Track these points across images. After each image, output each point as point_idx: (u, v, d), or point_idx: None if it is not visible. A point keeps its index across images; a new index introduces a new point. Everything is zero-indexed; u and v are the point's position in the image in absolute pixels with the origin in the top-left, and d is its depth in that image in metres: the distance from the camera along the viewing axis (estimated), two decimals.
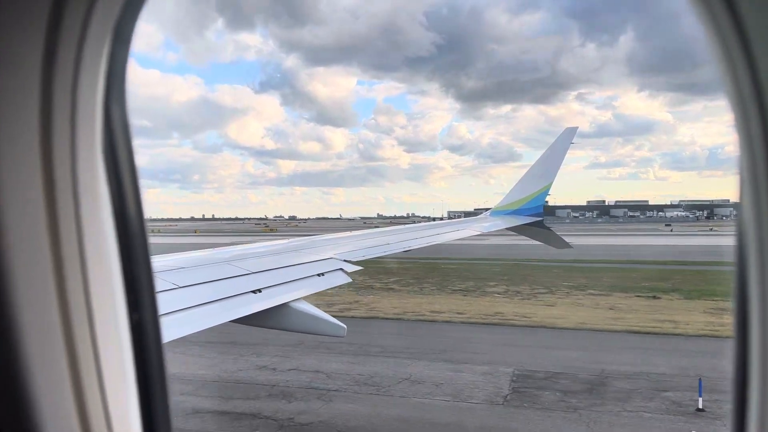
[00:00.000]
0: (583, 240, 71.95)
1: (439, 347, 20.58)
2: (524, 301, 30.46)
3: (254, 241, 11.09)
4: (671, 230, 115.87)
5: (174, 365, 17.96)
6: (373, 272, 41.36)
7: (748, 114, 1.05)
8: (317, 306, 7.47)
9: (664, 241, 78.21)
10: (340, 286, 8.61)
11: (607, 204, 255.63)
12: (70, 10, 1.17)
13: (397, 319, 26.30)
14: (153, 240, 1.51)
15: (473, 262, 50.73)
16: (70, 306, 1.25)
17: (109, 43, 1.30)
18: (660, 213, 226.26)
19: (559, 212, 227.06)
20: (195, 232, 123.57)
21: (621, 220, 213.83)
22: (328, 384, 16.60)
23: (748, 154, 1.07)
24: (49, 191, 1.21)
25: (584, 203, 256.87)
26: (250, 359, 19.17)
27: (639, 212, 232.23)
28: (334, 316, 7.52)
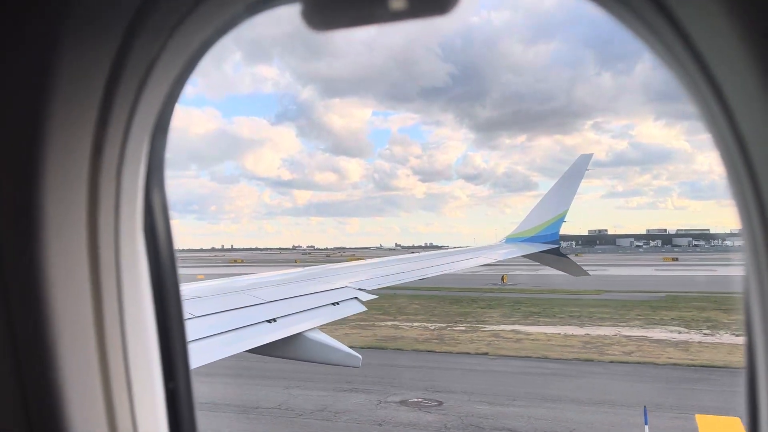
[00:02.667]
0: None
1: None
2: None
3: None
4: None
5: None
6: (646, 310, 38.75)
7: (729, 147, 1.10)
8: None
9: None
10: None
11: (668, 233, 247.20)
12: (117, 107, 1.30)
13: None
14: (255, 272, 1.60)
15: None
16: (105, 332, 1.37)
17: (150, 133, 1.42)
18: (725, 242, 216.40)
19: (620, 241, 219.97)
20: (296, 262, 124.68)
21: (698, 249, 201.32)
22: None
23: (735, 183, 1.12)
24: (94, 268, 1.34)
25: (644, 231, 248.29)
26: None
27: (703, 241, 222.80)
28: None
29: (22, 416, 1.29)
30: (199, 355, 5.47)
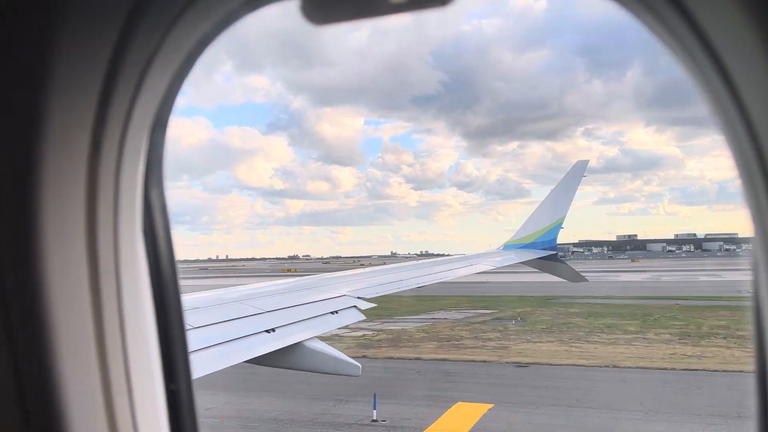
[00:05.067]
0: None
1: None
2: None
3: None
4: None
5: None
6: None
7: (744, 149, 1.09)
8: None
9: None
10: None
11: (698, 237, 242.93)
12: (115, 104, 1.28)
13: None
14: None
15: None
16: (105, 336, 1.35)
17: (149, 131, 1.40)
18: None
19: (651, 246, 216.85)
20: (362, 265, 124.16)
21: (733, 253, 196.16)
22: None
23: (750, 189, 1.10)
24: (93, 268, 1.32)
25: (672, 236, 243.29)
26: None
27: (734, 245, 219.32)
28: None
29: (22, 421, 1.26)
30: (198, 366, 5.43)
